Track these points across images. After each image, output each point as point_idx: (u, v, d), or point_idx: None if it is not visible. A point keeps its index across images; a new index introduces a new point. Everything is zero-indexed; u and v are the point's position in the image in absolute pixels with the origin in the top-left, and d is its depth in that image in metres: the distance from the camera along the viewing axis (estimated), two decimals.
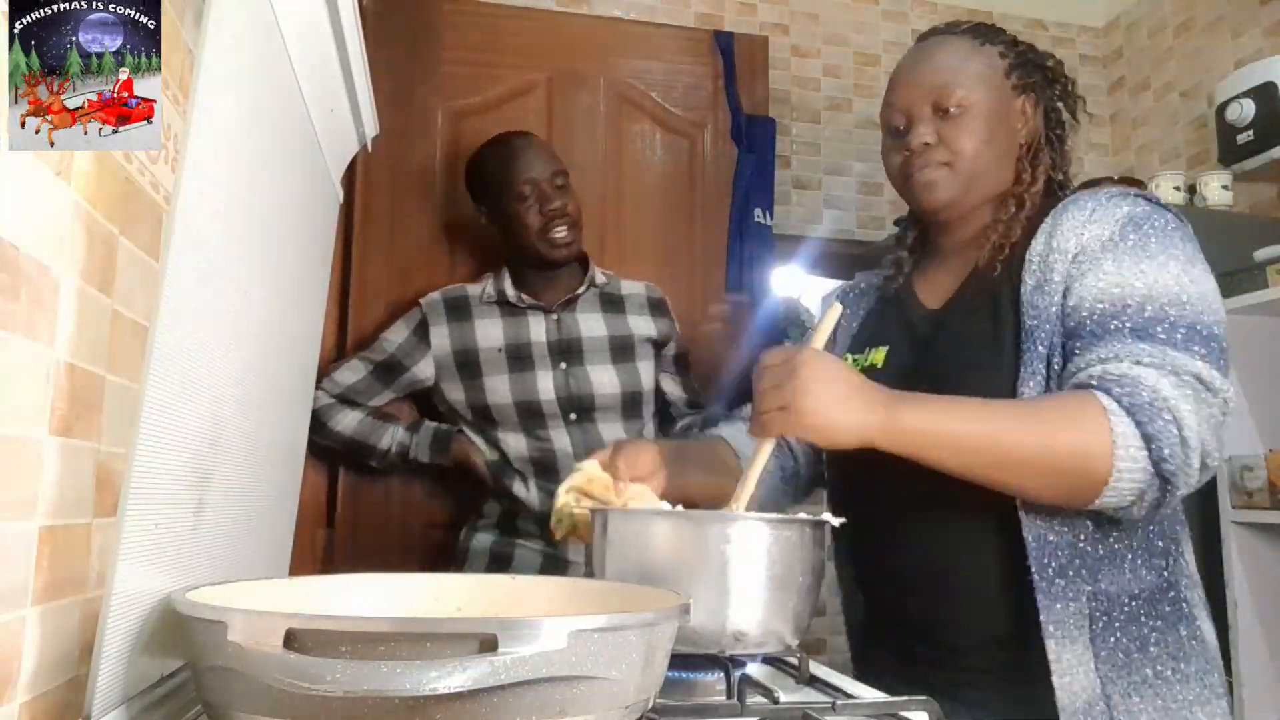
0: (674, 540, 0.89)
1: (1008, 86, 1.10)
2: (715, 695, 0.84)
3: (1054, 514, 0.96)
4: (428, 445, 1.91)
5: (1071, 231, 1.01)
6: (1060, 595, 0.94)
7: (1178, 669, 0.95)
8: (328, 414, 1.88)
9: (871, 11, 2.85)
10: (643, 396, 1.88)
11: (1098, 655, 0.93)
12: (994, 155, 1.09)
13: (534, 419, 1.82)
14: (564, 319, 1.88)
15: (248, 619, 0.55)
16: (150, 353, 0.68)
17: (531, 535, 1.84)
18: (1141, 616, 0.96)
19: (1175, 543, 1.01)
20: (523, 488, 1.83)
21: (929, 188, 1.09)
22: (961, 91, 1.07)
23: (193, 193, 0.72)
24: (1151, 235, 0.98)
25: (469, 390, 1.85)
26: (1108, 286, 0.95)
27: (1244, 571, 2.04)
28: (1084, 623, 0.94)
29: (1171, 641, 0.96)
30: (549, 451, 1.82)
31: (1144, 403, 0.87)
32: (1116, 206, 1.01)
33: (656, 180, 2.35)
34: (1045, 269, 1.01)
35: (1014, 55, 1.12)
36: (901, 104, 1.11)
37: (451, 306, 1.89)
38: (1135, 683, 0.93)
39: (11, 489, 0.57)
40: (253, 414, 1.03)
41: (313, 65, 1.10)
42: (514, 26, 2.34)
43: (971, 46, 1.11)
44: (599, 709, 0.58)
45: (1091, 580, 0.95)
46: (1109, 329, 0.94)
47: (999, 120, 1.09)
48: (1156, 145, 2.79)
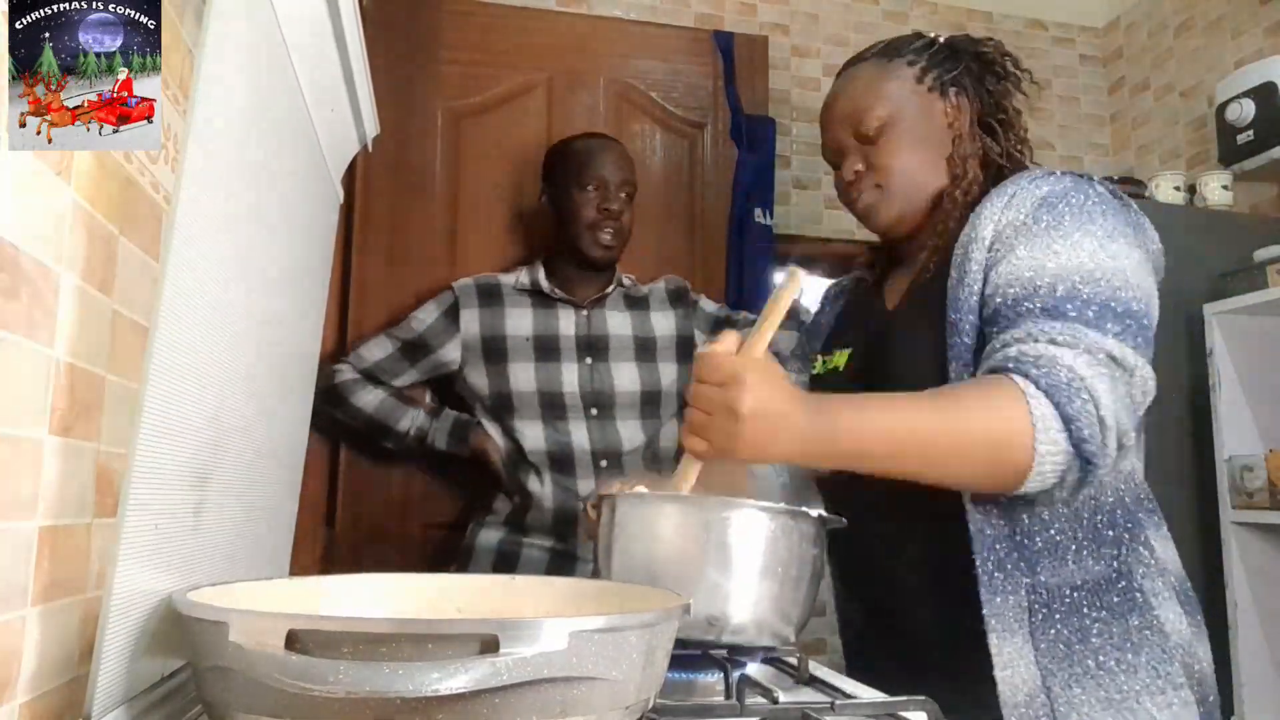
0: (680, 525, 0.89)
1: (924, 91, 1.10)
2: (715, 695, 0.84)
3: (993, 507, 0.95)
4: (447, 432, 1.92)
5: (989, 219, 1.00)
6: (1000, 589, 0.94)
7: (1123, 659, 0.94)
8: (350, 389, 1.89)
9: (871, 11, 2.85)
10: (662, 397, 1.90)
11: (1037, 648, 0.93)
12: (926, 163, 1.09)
13: (555, 410, 1.83)
14: (593, 315, 1.90)
15: (248, 619, 0.55)
16: (150, 353, 0.68)
17: (540, 533, 1.84)
18: (1084, 607, 0.95)
19: (1130, 531, 0.99)
20: (536, 483, 1.83)
21: (869, 212, 1.12)
22: (876, 113, 1.09)
23: (193, 193, 0.72)
24: (1066, 213, 0.96)
25: (493, 376, 1.86)
26: (1019, 270, 0.94)
27: (1244, 571, 2.04)
28: (1023, 615, 0.94)
29: (1118, 632, 0.95)
30: (566, 445, 1.83)
31: (1062, 383, 0.85)
32: (1036, 188, 1.00)
33: (656, 180, 2.35)
34: (965, 260, 1.00)
35: (926, 58, 1.12)
36: (829, 142, 1.15)
37: (484, 292, 1.91)
38: (1077, 674, 0.93)
39: (11, 489, 0.57)
40: (253, 414, 1.03)
41: (313, 65, 1.10)
42: (514, 26, 2.34)
43: (878, 67, 1.13)
44: (599, 709, 0.58)
45: (1030, 573, 0.95)
46: (1020, 311, 0.92)
47: (922, 128, 1.09)
48: (1156, 145, 2.79)
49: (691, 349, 1.95)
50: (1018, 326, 0.91)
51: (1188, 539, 2.19)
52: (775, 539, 0.87)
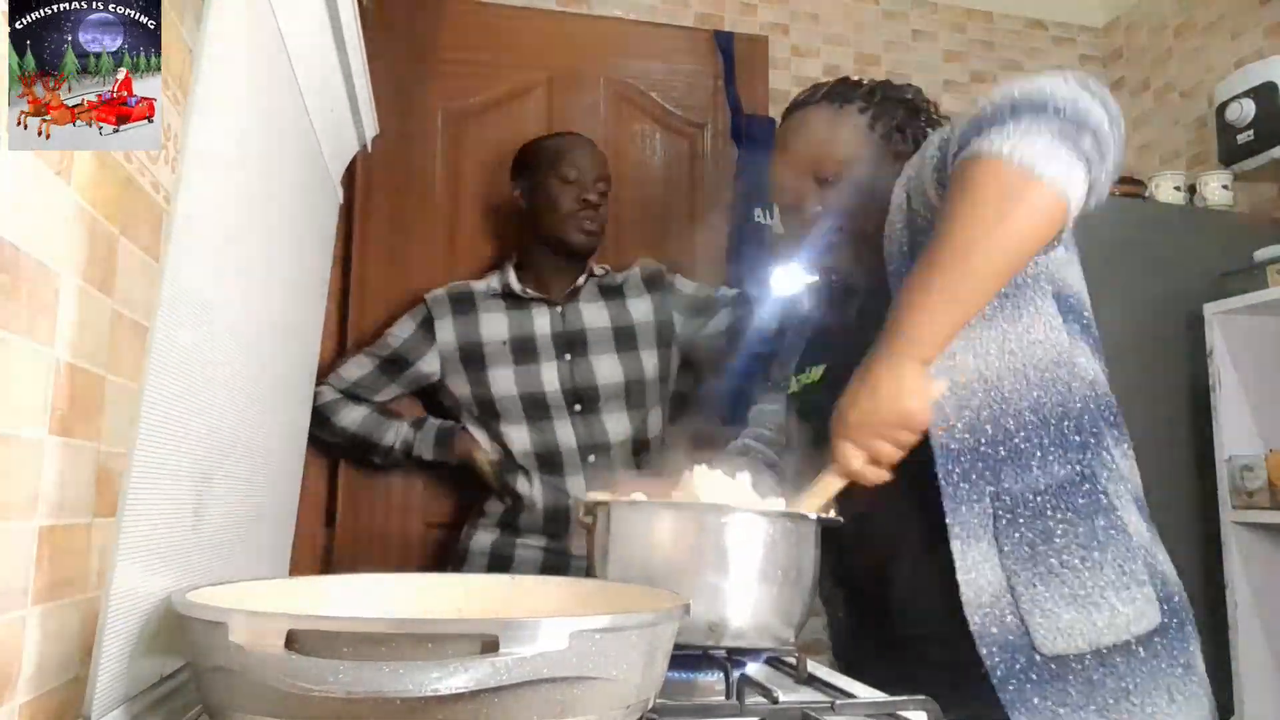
0: (675, 532, 0.90)
1: (876, 137, 1.15)
2: (715, 695, 0.84)
3: (955, 423, 0.98)
4: (431, 441, 1.92)
5: (900, 188, 1.06)
6: (965, 499, 0.97)
7: (1089, 557, 0.96)
8: (333, 409, 1.89)
9: (871, 11, 2.85)
10: (645, 386, 1.89)
11: (1001, 550, 0.96)
12: (879, 207, 1.11)
13: (538, 411, 1.83)
14: (568, 311, 1.90)
15: (248, 620, 0.55)
16: (150, 353, 0.68)
17: (533, 533, 1.84)
18: (1048, 510, 0.97)
19: (1095, 436, 1.01)
20: (526, 484, 1.83)
21: (835, 256, 1.15)
22: (835, 157, 1.13)
23: (193, 193, 0.72)
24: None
25: (474, 384, 1.86)
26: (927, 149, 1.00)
27: (1244, 571, 2.04)
28: (988, 522, 0.97)
29: (1084, 532, 0.97)
30: (553, 444, 1.83)
31: (1023, 89, 0.89)
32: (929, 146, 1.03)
33: (656, 180, 2.35)
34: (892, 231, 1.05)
35: (874, 106, 1.16)
36: (784, 183, 1.17)
37: (456, 301, 1.91)
38: (1040, 573, 0.95)
39: (11, 489, 0.57)
40: (253, 414, 1.03)
41: (312, 65, 1.10)
42: (514, 26, 2.34)
43: (833, 111, 1.16)
44: (600, 709, 0.58)
45: (994, 481, 0.98)
46: (959, 127, 0.94)
47: (877, 171, 1.12)
48: (1156, 145, 2.79)
49: (671, 333, 1.95)
50: (965, 126, 0.92)
51: (1188, 539, 2.20)
52: (773, 542, 0.88)
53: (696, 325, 1.96)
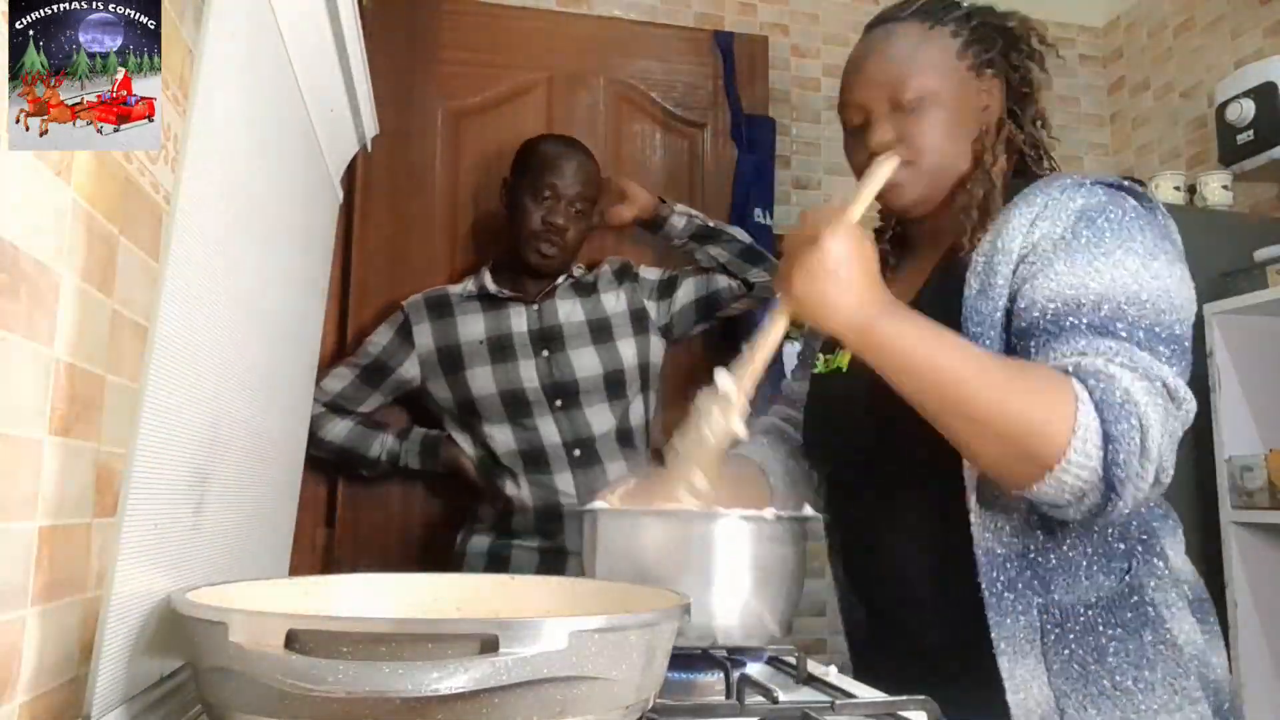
0: (659, 537, 0.91)
1: (964, 68, 1.03)
2: (715, 695, 0.84)
3: (1004, 524, 0.93)
4: (416, 451, 1.93)
5: (1018, 230, 0.95)
6: (1009, 610, 0.91)
7: (1140, 677, 0.91)
8: (319, 423, 1.88)
9: (871, 11, 2.82)
10: (625, 375, 1.89)
11: (1050, 669, 0.91)
12: (957, 145, 1.04)
13: (519, 408, 1.84)
14: (544, 308, 1.91)
15: (248, 619, 0.55)
16: (150, 353, 0.68)
17: (527, 534, 1.85)
18: (1099, 625, 0.92)
19: (1142, 543, 0.97)
20: (514, 486, 1.84)
21: (894, 190, 1.03)
22: (916, 83, 1.01)
23: (193, 193, 0.72)
24: (1107, 229, 0.92)
25: (453, 385, 1.87)
26: (1060, 288, 0.90)
27: (1244, 571, 2.04)
28: (1035, 636, 0.91)
29: (1134, 649, 0.92)
30: (536, 441, 1.84)
31: (1115, 402, 0.81)
32: (1070, 200, 0.95)
33: (656, 180, 2.34)
34: (989, 272, 0.95)
35: (969, 31, 1.04)
36: (856, 101, 1.06)
37: (433, 305, 1.92)
38: (1092, 694, 0.90)
39: (11, 489, 0.57)
40: (253, 414, 1.03)
41: (312, 65, 1.10)
42: (514, 26, 2.34)
43: (922, 31, 1.04)
44: (599, 709, 0.58)
45: (1044, 592, 0.92)
46: (1064, 326, 0.88)
47: (959, 107, 1.03)
48: (1156, 145, 2.79)
49: (645, 320, 1.95)
50: (1064, 341, 0.87)
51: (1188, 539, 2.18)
52: (757, 544, 0.89)
53: (667, 305, 1.97)
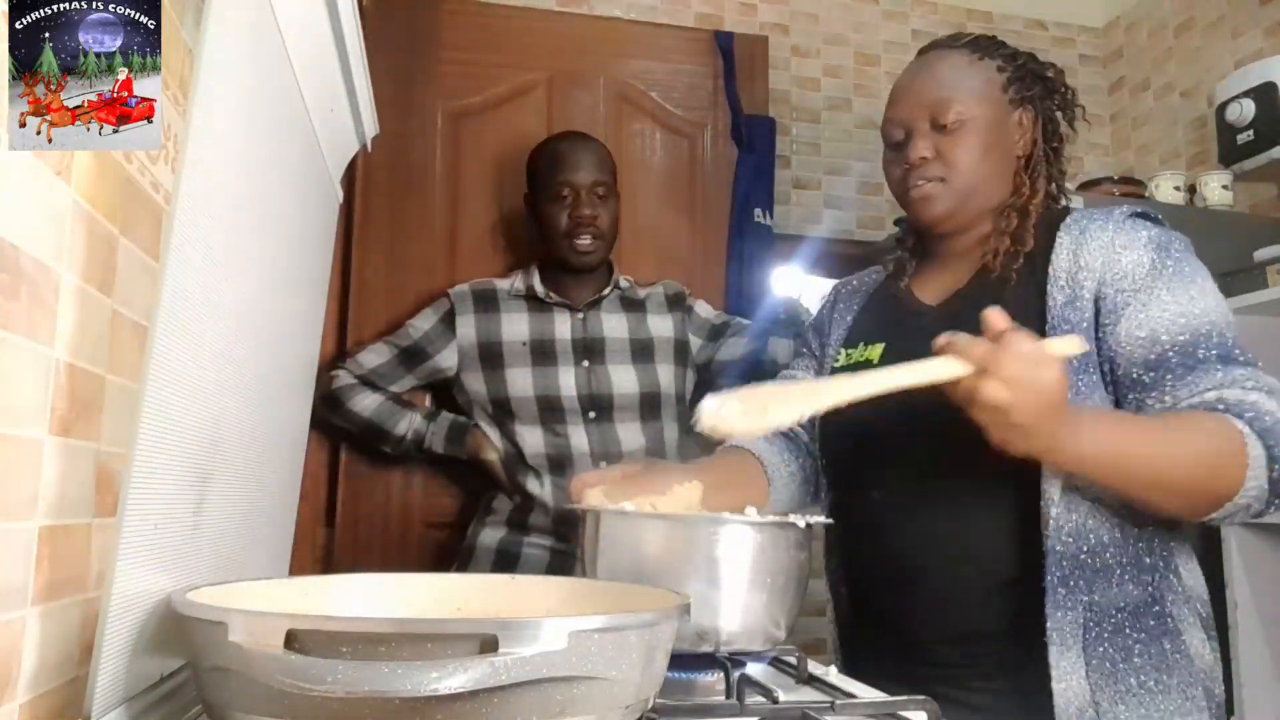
0: (662, 541, 0.92)
1: (1005, 100, 1.12)
2: (715, 695, 0.84)
3: (1068, 524, 0.99)
4: (444, 436, 1.92)
5: (1099, 251, 1.03)
6: (1063, 604, 0.98)
7: (1160, 680, 0.98)
8: (348, 394, 1.89)
9: (871, 11, 2.85)
10: (661, 399, 1.89)
11: (1089, 663, 0.97)
12: (990, 169, 1.11)
13: (553, 414, 1.83)
14: (589, 318, 1.90)
15: (248, 619, 0.55)
16: (150, 353, 0.68)
17: (541, 533, 1.84)
18: (1126, 628, 0.99)
19: (1165, 560, 1.03)
20: (536, 484, 1.83)
21: (925, 202, 1.11)
22: (959, 106, 1.09)
23: (193, 193, 0.72)
24: (1184, 260, 1.02)
25: (490, 382, 1.86)
26: (1175, 317, 0.98)
27: (1244, 572, 2.04)
28: (1079, 631, 0.97)
29: (1155, 654, 0.99)
30: (565, 448, 1.83)
31: (1269, 428, 0.91)
32: (1135, 230, 1.04)
33: (656, 180, 2.35)
34: (1074, 285, 1.03)
35: (1013, 69, 1.14)
36: (900, 118, 1.13)
37: (479, 298, 1.91)
38: (1121, 691, 0.97)
39: (11, 489, 0.57)
40: (253, 414, 1.03)
41: (312, 65, 1.10)
42: (514, 26, 2.34)
43: (970, 61, 1.13)
44: (599, 709, 0.58)
45: (1087, 591, 0.98)
46: (1198, 359, 0.96)
47: (996, 134, 1.11)
48: (1156, 145, 2.79)
49: (687, 353, 1.95)
50: (1203, 375, 0.95)
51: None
52: (762, 550, 0.89)
53: (712, 350, 1.97)
